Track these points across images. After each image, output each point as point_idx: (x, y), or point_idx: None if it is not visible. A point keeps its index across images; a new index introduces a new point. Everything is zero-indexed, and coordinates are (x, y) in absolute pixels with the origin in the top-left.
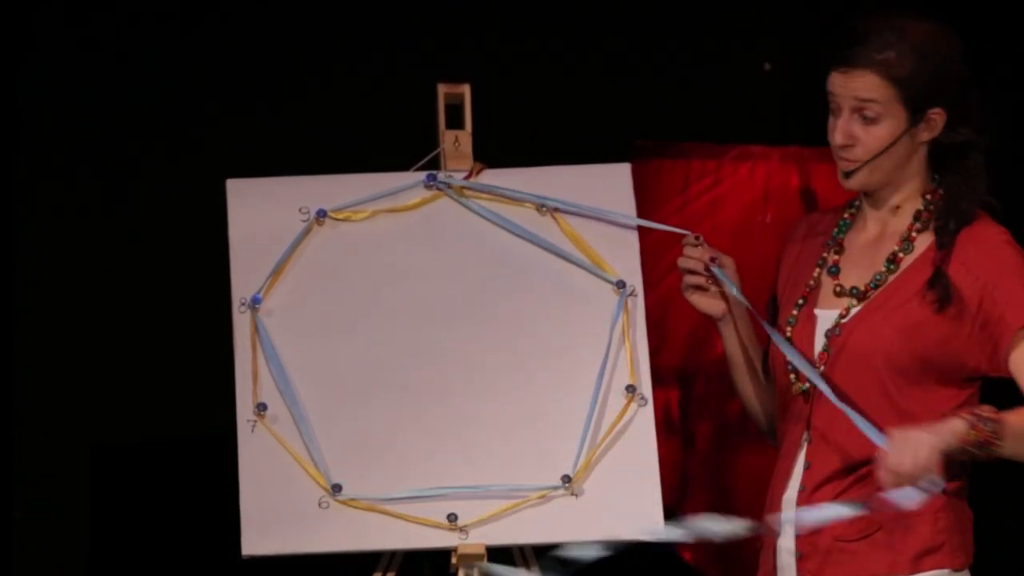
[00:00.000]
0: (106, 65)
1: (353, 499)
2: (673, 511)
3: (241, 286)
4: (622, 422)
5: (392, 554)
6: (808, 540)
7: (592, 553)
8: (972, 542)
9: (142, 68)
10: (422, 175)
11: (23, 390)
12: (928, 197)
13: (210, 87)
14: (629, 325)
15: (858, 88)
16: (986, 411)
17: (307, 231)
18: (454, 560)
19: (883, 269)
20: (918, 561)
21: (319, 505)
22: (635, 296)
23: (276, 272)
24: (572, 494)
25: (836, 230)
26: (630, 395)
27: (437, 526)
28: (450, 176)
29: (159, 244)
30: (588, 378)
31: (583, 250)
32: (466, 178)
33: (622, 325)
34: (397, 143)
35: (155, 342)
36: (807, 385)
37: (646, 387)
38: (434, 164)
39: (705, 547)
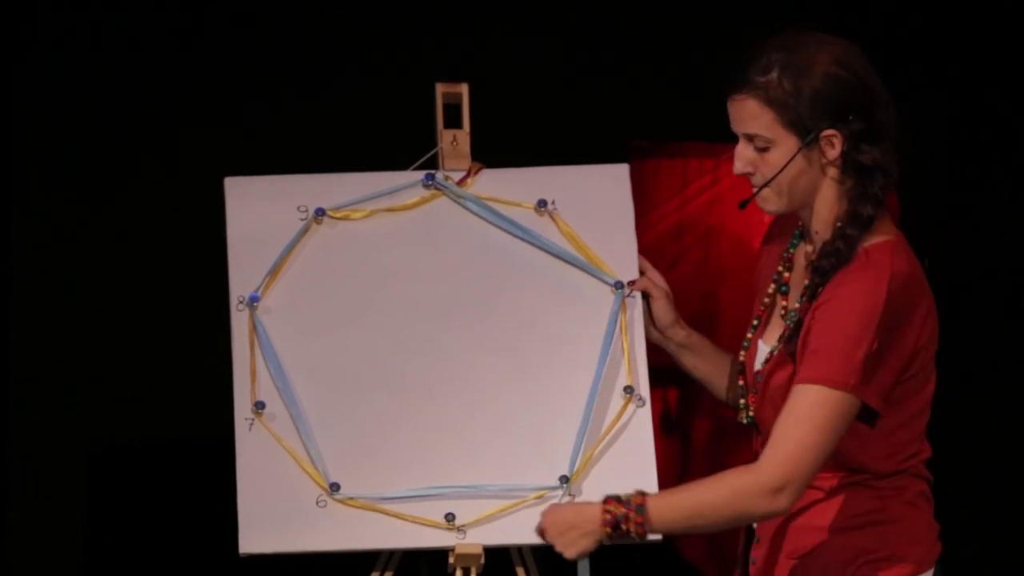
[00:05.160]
0: (104, 63)
1: (351, 498)
2: None
3: (239, 284)
4: (620, 423)
5: (390, 553)
6: (768, 527)
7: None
8: (930, 551)
9: (140, 66)
10: (420, 174)
11: (20, 388)
12: (839, 226)
13: (208, 86)
14: (627, 325)
15: (743, 118)
16: (629, 494)
17: (305, 230)
18: (452, 560)
19: (796, 305)
20: (861, 574)
21: (317, 504)
22: (633, 296)
23: (274, 271)
24: (570, 494)
25: (790, 244)
26: (628, 396)
27: (435, 525)
28: (448, 176)
29: (157, 242)
30: (586, 378)
31: (581, 250)
32: (464, 178)
33: (620, 325)
34: (395, 142)
35: (153, 340)
36: (751, 415)
37: (644, 388)
38: (432, 163)
39: (703, 546)
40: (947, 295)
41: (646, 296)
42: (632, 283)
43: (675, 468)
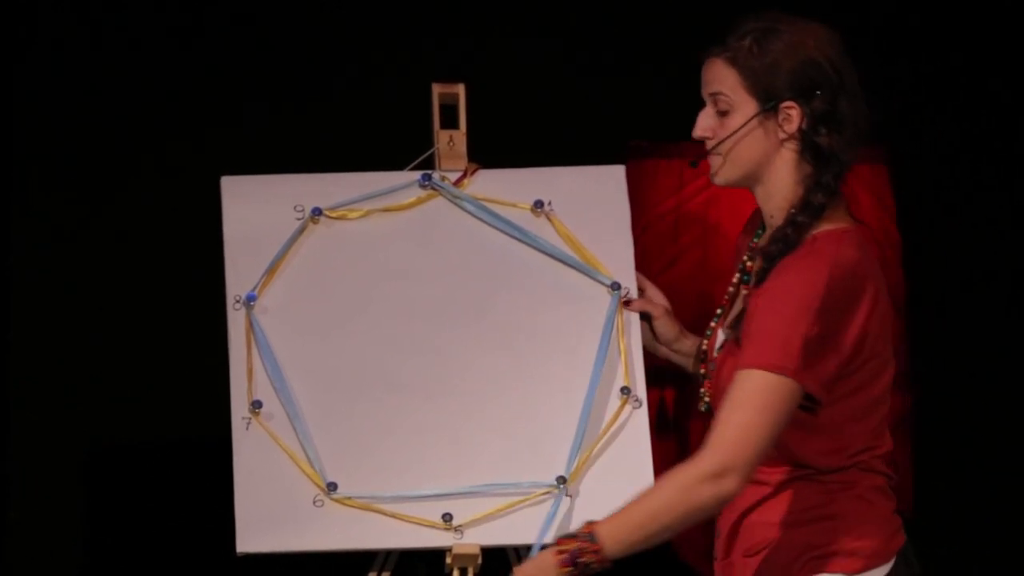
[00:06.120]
0: (104, 63)
1: (348, 497)
2: None
3: (236, 284)
4: (617, 423)
5: (387, 553)
6: (724, 523)
7: None
8: (885, 545)
9: (138, 66)
10: (417, 175)
11: (17, 389)
12: (791, 212)
13: (206, 85)
14: (624, 326)
15: (710, 79)
16: (579, 530)
17: (302, 229)
18: (449, 560)
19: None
20: (807, 569)
21: (314, 503)
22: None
23: (271, 270)
24: (567, 495)
25: (756, 233)
26: (624, 397)
27: (432, 525)
28: (444, 176)
29: (154, 241)
30: (583, 379)
31: (578, 251)
32: (461, 178)
33: (617, 326)
34: (392, 142)
35: (150, 339)
36: (708, 402)
37: (640, 389)
38: (429, 164)
39: (701, 547)
40: (947, 295)
41: (647, 316)
42: (628, 303)
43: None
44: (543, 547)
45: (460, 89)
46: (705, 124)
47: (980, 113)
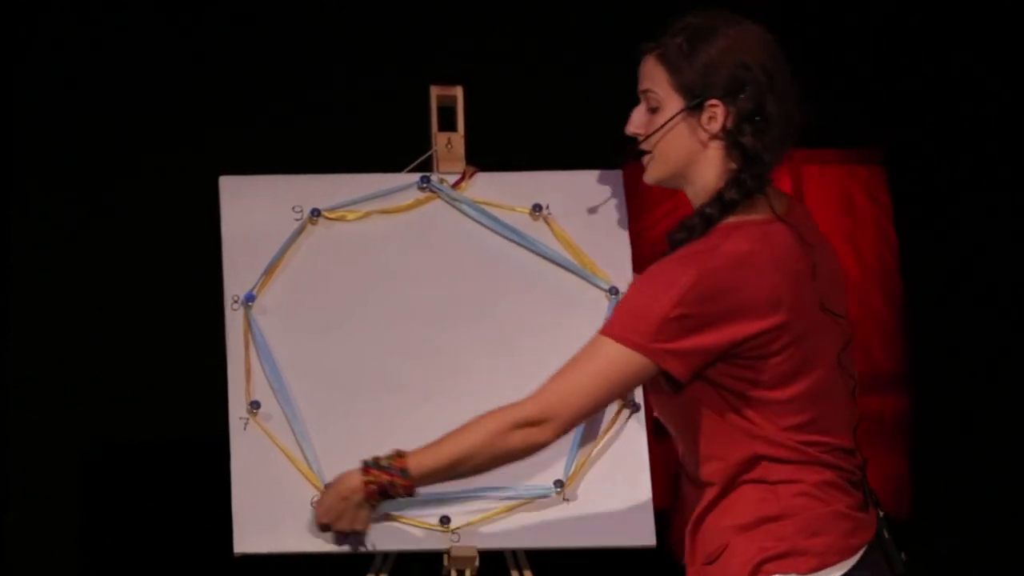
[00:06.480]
0: (100, 62)
1: None
2: (664, 515)
3: (234, 284)
4: (614, 428)
5: (384, 555)
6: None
7: None
8: (840, 541)
9: (136, 65)
10: (416, 177)
11: (15, 388)
12: (702, 203)
13: (204, 85)
14: None
15: (642, 76)
16: (388, 456)
17: (301, 230)
18: (446, 563)
19: None
20: (762, 573)
21: (312, 504)
22: None
23: (269, 270)
24: (564, 499)
25: None
26: (622, 401)
27: (430, 528)
28: (443, 179)
29: (152, 241)
30: None
31: (575, 255)
32: (459, 181)
33: None
34: (391, 144)
35: (148, 339)
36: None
37: (637, 393)
38: (427, 166)
39: None
40: (943, 297)
41: None
42: None
43: (668, 472)
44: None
45: (458, 91)
46: (636, 121)
47: (978, 114)
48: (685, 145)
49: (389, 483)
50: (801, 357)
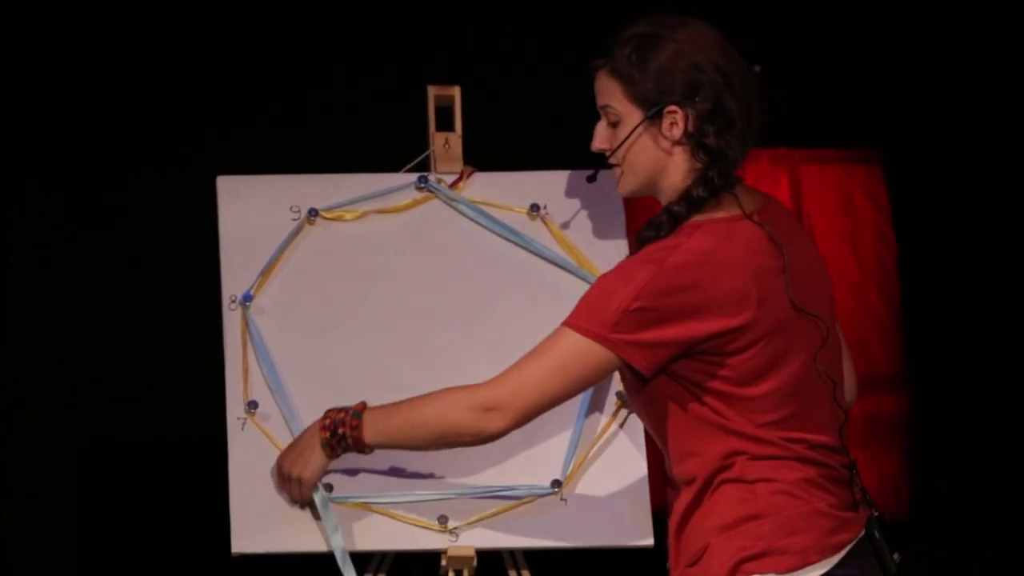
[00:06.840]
0: (100, 62)
1: (343, 499)
2: (662, 515)
3: (232, 284)
4: (612, 428)
5: (382, 555)
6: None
7: None
8: (821, 540)
9: (135, 65)
10: (413, 177)
11: (12, 388)
12: (670, 201)
13: (202, 85)
14: None
15: (597, 92)
16: (352, 406)
17: (298, 230)
18: (444, 562)
19: None
20: (742, 573)
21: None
22: None
23: (267, 270)
24: (562, 499)
25: None
26: (620, 401)
27: (427, 528)
28: (441, 179)
29: (151, 241)
30: None
31: (573, 255)
32: (456, 181)
33: None
34: (389, 144)
35: (146, 339)
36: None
37: None
38: (424, 166)
39: None
40: (942, 297)
41: None
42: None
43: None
44: None
45: (456, 92)
46: (600, 136)
47: (977, 114)
48: (651, 154)
49: (341, 420)
50: (772, 354)
